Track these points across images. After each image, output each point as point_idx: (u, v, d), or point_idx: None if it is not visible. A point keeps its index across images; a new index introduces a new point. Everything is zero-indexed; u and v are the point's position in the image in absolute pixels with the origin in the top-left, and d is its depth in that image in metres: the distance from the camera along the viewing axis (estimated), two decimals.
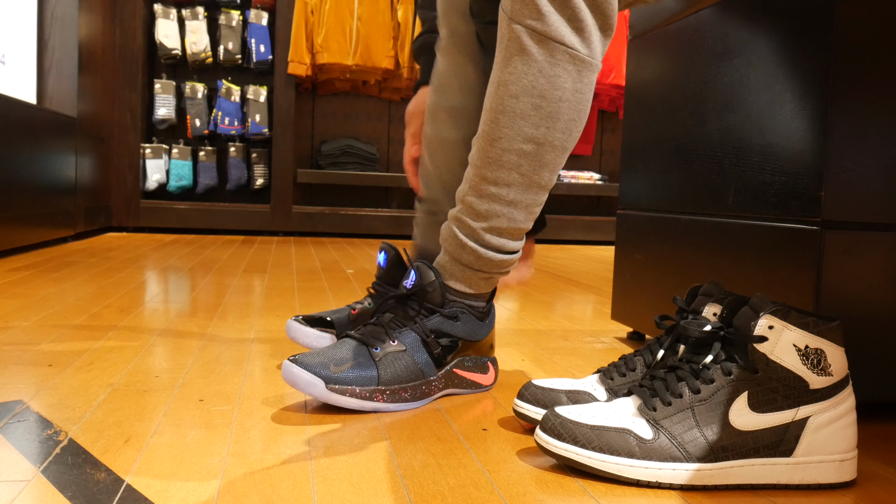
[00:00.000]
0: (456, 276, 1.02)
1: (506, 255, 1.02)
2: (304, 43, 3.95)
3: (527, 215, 1.00)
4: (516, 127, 0.95)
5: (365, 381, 0.94)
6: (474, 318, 1.04)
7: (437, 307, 1.01)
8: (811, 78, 0.96)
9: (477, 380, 1.06)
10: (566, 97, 0.94)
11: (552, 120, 0.95)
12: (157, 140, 4.08)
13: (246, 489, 0.70)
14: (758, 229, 1.06)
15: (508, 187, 0.97)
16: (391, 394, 0.96)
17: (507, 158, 0.96)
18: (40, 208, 2.79)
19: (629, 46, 1.50)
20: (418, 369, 0.98)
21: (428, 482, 0.73)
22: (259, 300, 1.81)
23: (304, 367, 0.92)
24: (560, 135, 0.96)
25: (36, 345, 1.24)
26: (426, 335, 0.99)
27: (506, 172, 0.97)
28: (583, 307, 1.94)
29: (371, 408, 0.95)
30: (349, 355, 0.96)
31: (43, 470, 0.72)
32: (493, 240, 1.00)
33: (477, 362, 1.06)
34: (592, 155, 4.71)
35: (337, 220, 4.07)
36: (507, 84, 0.95)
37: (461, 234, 1.01)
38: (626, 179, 1.49)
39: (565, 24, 0.91)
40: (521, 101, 0.94)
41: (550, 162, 0.98)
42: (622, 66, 4.25)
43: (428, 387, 0.99)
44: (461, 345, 1.03)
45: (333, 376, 0.93)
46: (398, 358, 0.97)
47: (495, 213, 0.99)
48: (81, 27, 3.23)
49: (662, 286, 1.33)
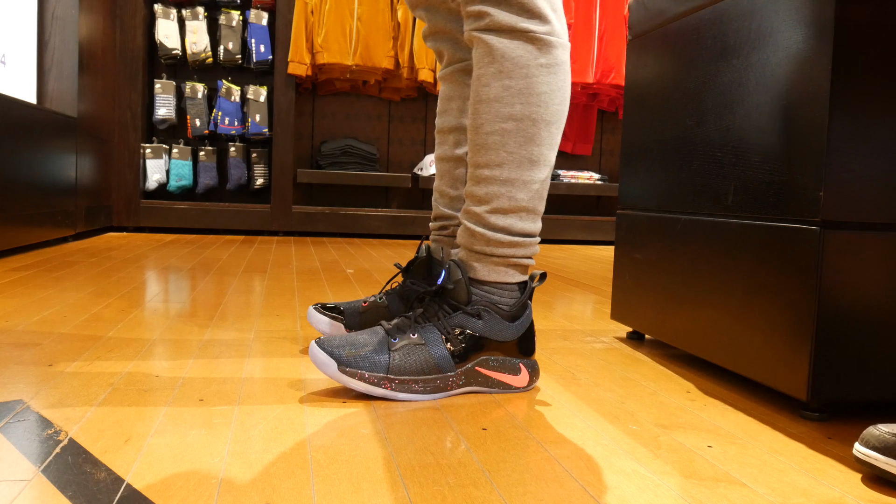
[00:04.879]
0: (474, 268, 1.05)
1: (516, 237, 1.05)
2: (304, 43, 3.95)
3: (528, 194, 1.04)
4: (493, 110, 1.03)
5: (375, 367, 0.98)
6: (499, 318, 1.05)
7: (461, 304, 1.04)
8: (811, 78, 0.96)
9: (506, 380, 1.06)
10: (532, 73, 1.02)
11: (524, 95, 1.02)
12: (157, 140, 4.08)
13: (246, 489, 0.70)
14: (757, 229, 1.06)
15: (500, 167, 1.03)
16: (400, 383, 0.99)
17: (492, 140, 1.03)
18: (40, 208, 2.79)
19: (629, 46, 1.50)
20: (433, 363, 1.01)
21: (428, 482, 0.73)
22: (259, 300, 1.81)
23: (323, 347, 0.99)
24: (537, 108, 1.02)
25: (36, 345, 1.24)
26: (447, 331, 1.02)
27: (494, 153, 1.03)
28: (583, 307, 1.94)
29: (379, 394, 0.98)
30: (370, 342, 1.00)
31: (43, 470, 0.72)
32: (498, 220, 1.04)
33: (505, 363, 1.06)
34: (592, 155, 4.70)
35: (337, 219, 4.07)
36: (480, 78, 1.04)
37: (469, 223, 1.06)
38: (626, 179, 1.49)
39: (514, 14, 1.01)
40: (492, 87, 1.03)
41: (535, 136, 1.03)
42: (622, 66, 4.25)
43: (444, 381, 1.01)
44: (487, 343, 1.04)
45: (347, 359, 0.98)
46: (414, 350, 1.00)
47: (495, 195, 1.04)
48: (81, 27, 3.23)
49: (662, 286, 1.33)
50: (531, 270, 1.08)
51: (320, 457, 0.79)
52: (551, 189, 4.34)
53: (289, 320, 1.56)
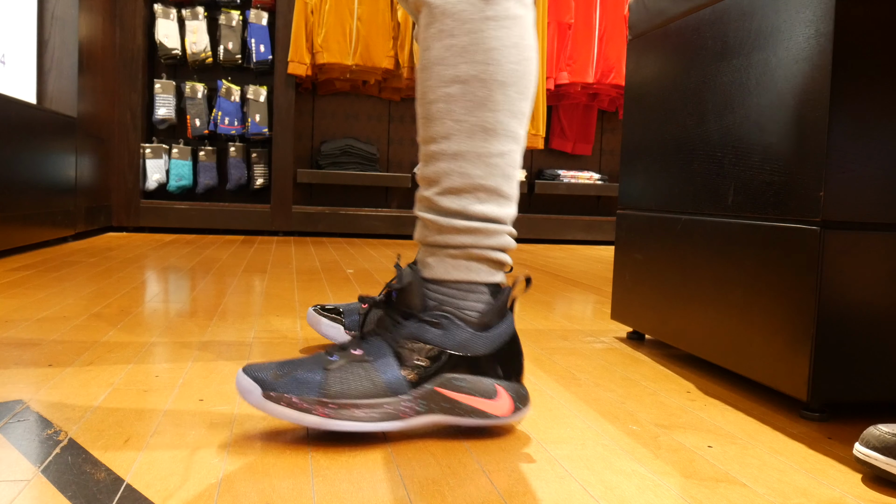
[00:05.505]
0: (428, 265, 0.87)
1: (474, 222, 0.86)
2: (304, 43, 3.95)
3: (485, 168, 0.86)
4: (435, 73, 0.86)
5: (305, 388, 0.80)
6: (464, 326, 0.85)
7: (415, 311, 0.85)
8: (811, 78, 0.96)
9: (479, 406, 0.85)
10: (478, 27, 0.85)
11: (469, 53, 0.85)
12: (157, 140, 4.08)
13: (246, 489, 0.70)
14: (757, 229, 1.06)
15: (447, 139, 0.86)
16: (338, 408, 0.80)
17: (437, 108, 0.86)
18: (40, 208, 2.79)
19: (629, 46, 1.50)
20: (381, 383, 0.81)
21: (428, 482, 0.73)
22: (259, 300, 1.81)
23: (249, 372, 0.82)
24: (485, 66, 0.85)
25: (36, 345, 1.24)
26: (397, 344, 0.83)
27: (439, 123, 0.86)
28: (583, 307, 1.94)
29: (312, 422, 0.80)
30: (303, 363, 0.83)
31: (43, 470, 0.72)
32: (450, 203, 0.86)
33: (475, 384, 0.85)
34: (592, 155, 4.70)
35: (337, 219, 4.07)
36: (422, 42, 0.89)
37: (420, 211, 0.89)
38: (626, 179, 1.49)
39: None
40: (433, 49, 0.87)
41: (487, 99, 0.85)
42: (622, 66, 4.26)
43: (396, 406, 0.82)
44: (449, 358, 0.84)
45: (272, 383, 0.80)
46: (355, 368, 0.82)
47: (444, 172, 0.86)
48: (81, 27, 3.23)
49: (662, 286, 1.33)
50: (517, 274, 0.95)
51: (320, 457, 0.79)
52: (551, 189, 4.34)
53: (289, 320, 1.56)
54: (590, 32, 4.24)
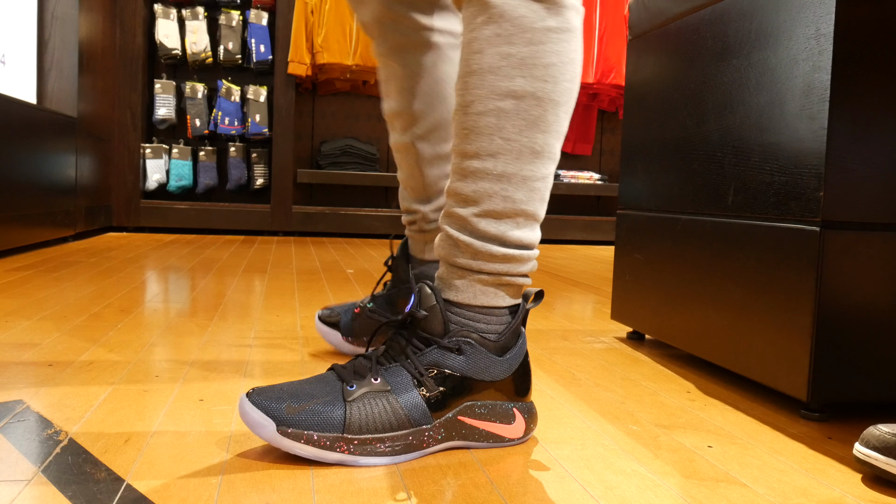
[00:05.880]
0: (455, 287, 0.83)
1: (511, 249, 0.82)
2: (304, 43, 3.95)
3: (528, 193, 0.82)
4: (487, 83, 0.80)
5: (326, 425, 0.76)
6: (486, 352, 0.82)
7: (436, 336, 0.81)
8: (811, 78, 0.96)
9: (496, 431, 0.83)
10: (539, 38, 0.79)
11: (528, 67, 0.79)
12: (157, 140, 4.08)
13: (246, 489, 0.70)
14: (757, 229, 1.06)
15: (494, 158, 0.80)
16: (360, 444, 0.76)
17: (485, 123, 0.80)
18: (40, 208, 2.79)
19: (629, 46, 1.50)
20: (403, 415, 0.78)
21: (428, 482, 0.73)
22: (259, 300, 1.81)
23: (257, 402, 0.76)
24: (542, 84, 0.80)
25: (36, 345, 1.24)
26: (419, 372, 0.80)
27: (486, 140, 0.80)
28: (583, 307, 1.94)
29: (335, 459, 0.76)
30: (318, 392, 0.78)
31: (43, 470, 0.72)
32: (489, 227, 0.81)
33: (495, 408, 0.83)
34: (592, 155, 4.71)
35: (337, 220, 4.07)
36: (471, 43, 0.81)
37: (452, 230, 0.83)
38: (626, 179, 1.49)
39: None
40: (486, 54, 0.80)
41: (539, 119, 0.80)
42: (622, 66, 4.25)
43: (418, 437, 0.79)
44: (472, 385, 0.82)
45: (287, 417, 0.75)
46: (377, 399, 0.78)
47: (486, 193, 0.81)
48: (81, 27, 3.23)
49: (662, 286, 1.33)
50: (528, 287, 0.86)
51: None
52: (551, 189, 4.34)
53: (289, 320, 1.56)
54: (590, 32, 4.24)
